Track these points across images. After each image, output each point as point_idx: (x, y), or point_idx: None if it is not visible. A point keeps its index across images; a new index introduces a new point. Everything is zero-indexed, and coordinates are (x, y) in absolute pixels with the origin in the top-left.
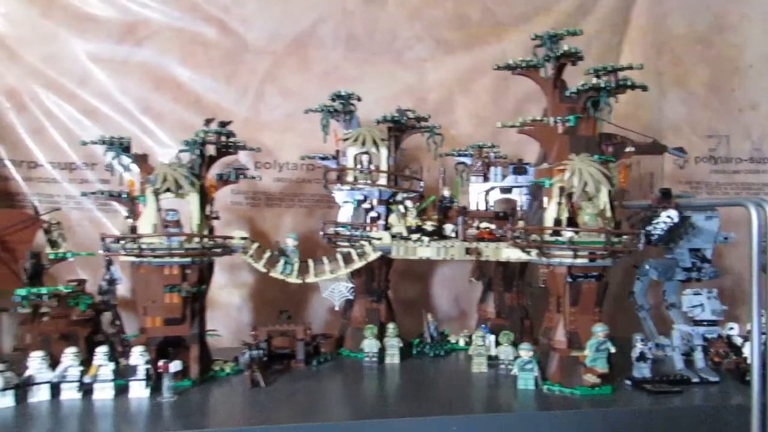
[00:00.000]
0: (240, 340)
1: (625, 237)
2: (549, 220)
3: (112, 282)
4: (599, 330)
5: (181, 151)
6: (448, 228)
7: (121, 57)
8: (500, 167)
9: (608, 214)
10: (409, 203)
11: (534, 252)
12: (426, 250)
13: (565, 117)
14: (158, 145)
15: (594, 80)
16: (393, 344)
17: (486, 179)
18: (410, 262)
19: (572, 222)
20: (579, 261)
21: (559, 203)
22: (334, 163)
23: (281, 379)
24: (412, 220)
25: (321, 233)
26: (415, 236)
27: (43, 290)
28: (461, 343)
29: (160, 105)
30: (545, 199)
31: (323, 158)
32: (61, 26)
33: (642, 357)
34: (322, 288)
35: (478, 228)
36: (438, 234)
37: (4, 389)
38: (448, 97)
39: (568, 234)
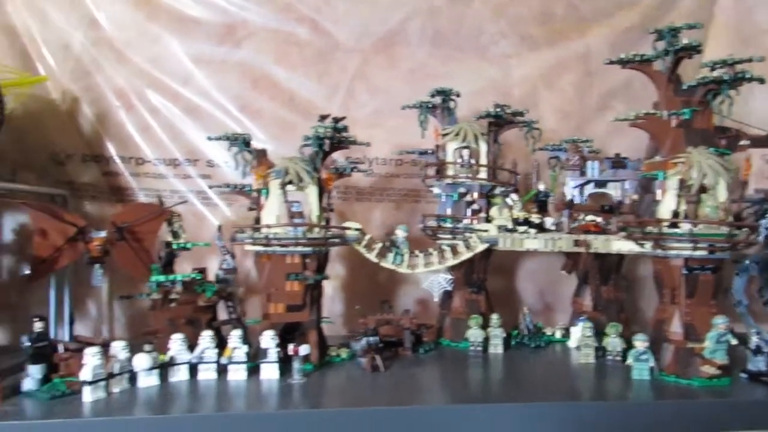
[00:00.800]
0: (348, 327)
1: (744, 229)
2: (665, 212)
3: (229, 271)
4: (720, 322)
5: (303, 145)
6: (548, 221)
7: (220, 57)
8: (597, 161)
9: (728, 206)
10: (515, 196)
11: (648, 244)
12: (533, 242)
13: (679, 110)
14: (256, 142)
15: (714, 73)
16: (497, 334)
17: (582, 173)
18: (495, 256)
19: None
20: (698, 253)
21: (679, 195)
22: (433, 157)
23: (393, 365)
24: (519, 213)
25: (421, 226)
26: (521, 228)
27: (178, 277)
28: (557, 335)
29: (257, 103)
30: (658, 192)
31: (422, 153)
32: (165, 29)
33: (758, 350)
34: (422, 279)
35: (583, 220)
36: (539, 227)
37: (151, 369)
38: (532, 92)
39: (687, 226)
